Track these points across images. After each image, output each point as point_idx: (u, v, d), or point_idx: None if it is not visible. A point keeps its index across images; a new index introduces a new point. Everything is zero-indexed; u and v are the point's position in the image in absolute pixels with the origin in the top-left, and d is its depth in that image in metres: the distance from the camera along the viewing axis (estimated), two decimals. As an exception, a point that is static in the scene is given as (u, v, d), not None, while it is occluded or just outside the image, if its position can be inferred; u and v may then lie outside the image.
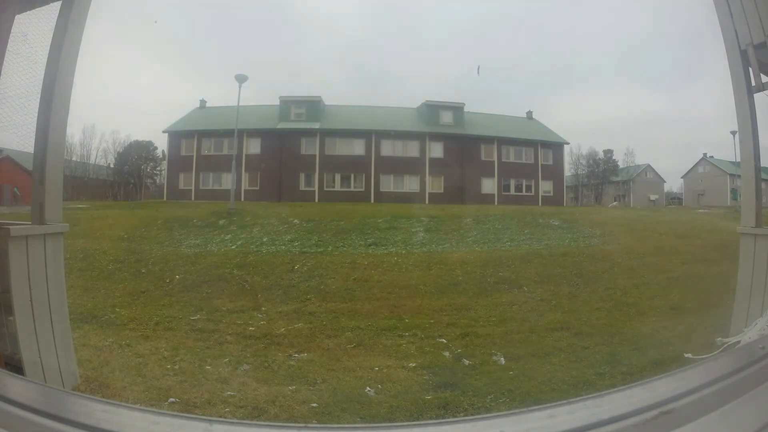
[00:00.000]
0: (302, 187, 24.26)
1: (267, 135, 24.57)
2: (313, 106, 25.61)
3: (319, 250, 9.66)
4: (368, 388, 3.65)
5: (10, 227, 2.61)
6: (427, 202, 22.98)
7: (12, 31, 2.57)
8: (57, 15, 2.85)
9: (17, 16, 2.69)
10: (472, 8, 41.71)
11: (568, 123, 53.69)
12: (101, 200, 25.39)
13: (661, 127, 46.47)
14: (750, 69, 3.21)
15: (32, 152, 2.88)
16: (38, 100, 2.83)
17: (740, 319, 3.06)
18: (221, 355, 4.57)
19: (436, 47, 41.28)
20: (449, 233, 11.45)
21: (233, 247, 10.05)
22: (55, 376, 2.81)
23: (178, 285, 7.55)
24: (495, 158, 25.89)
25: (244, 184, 23.41)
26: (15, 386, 0.94)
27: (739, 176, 3.75)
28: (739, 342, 1.94)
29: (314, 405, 3.31)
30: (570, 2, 41.42)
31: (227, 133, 21.81)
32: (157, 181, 33.73)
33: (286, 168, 24.17)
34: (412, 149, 25.11)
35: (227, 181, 22.08)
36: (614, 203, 34.67)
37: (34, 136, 2.85)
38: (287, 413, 3.16)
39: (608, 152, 36.70)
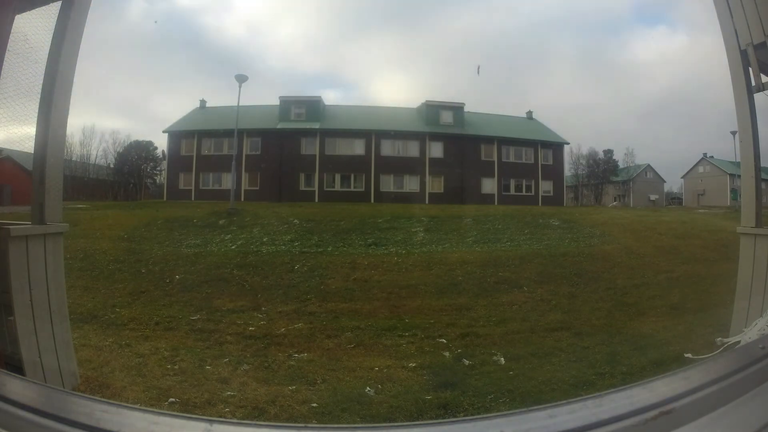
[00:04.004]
0: (302, 187, 24.27)
1: (267, 135, 24.58)
2: (313, 106, 25.62)
3: (319, 250, 9.66)
4: (368, 388, 3.64)
5: (10, 227, 2.61)
6: (427, 202, 22.99)
7: (12, 31, 2.56)
8: (57, 15, 2.85)
9: (17, 16, 2.69)
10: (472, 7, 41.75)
11: (568, 123, 53.69)
12: (101, 200, 25.38)
13: (661, 127, 46.54)
14: (750, 69, 3.20)
15: (32, 152, 2.88)
16: (38, 100, 2.83)
17: (740, 319, 3.06)
18: (221, 355, 4.56)
19: (437, 46, 41.32)
20: (449, 233, 11.45)
21: (233, 247, 10.05)
22: (55, 376, 2.81)
23: (178, 285, 7.55)
24: (495, 158, 25.90)
25: (244, 184, 23.41)
26: (15, 386, 0.94)
27: (739, 176, 3.75)
28: (739, 342, 1.93)
29: (314, 405, 3.31)
30: (570, 2, 41.46)
31: (227, 133, 21.81)
32: (157, 181, 33.75)
33: (286, 168, 24.17)
34: (412, 149, 25.12)
35: (227, 181, 22.08)
36: (614, 203, 34.67)
37: (34, 136, 2.85)
38: (287, 413, 3.16)
39: (608, 152, 36.73)
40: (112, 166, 32.97)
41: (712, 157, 36.35)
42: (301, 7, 42.29)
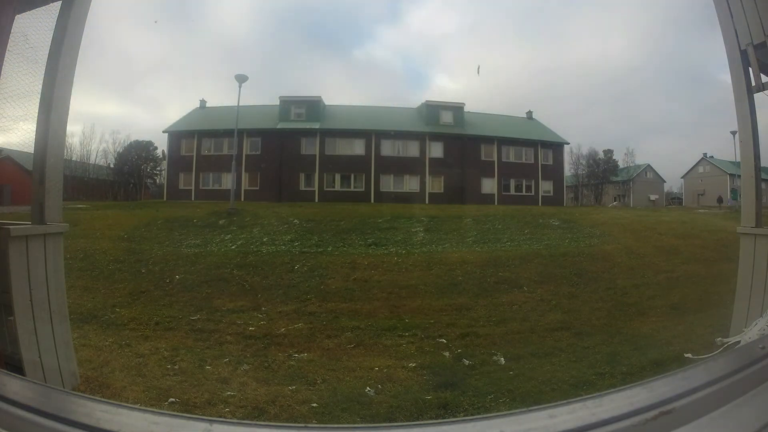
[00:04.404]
0: (302, 187, 24.27)
1: (267, 135, 24.58)
2: (313, 106, 25.62)
3: (319, 250, 9.66)
4: (368, 388, 3.64)
5: (10, 227, 2.61)
6: (427, 202, 22.98)
7: (12, 31, 2.56)
8: (57, 15, 2.86)
9: (17, 16, 2.69)
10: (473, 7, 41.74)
11: (568, 123, 53.68)
12: (101, 200, 25.38)
13: (661, 127, 46.52)
14: (750, 69, 3.20)
15: (32, 152, 2.88)
16: (38, 100, 2.83)
17: (740, 319, 3.06)
18: (221, 355, 4.57)
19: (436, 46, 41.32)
20: (449, 233, 11.45)
21: (233, 247, 10.05)
22: (55, 376, 2.81)
23: (178, 285, 7.54)
24: (495, 158, 25.90)
25: (244, 184, 23.41)
26: (15, 386, 0.94)
27: (739, 176, 3.75)
28: (739, 342, 1.93)
29: (314, 405, 3.31)
30: (571, 3, 41.46)
31: (227, 133, 21.81)
32: (157, 181, 33.76)
33: (286, 168, 24.18)
34: (412, 149, 25.12)
35: (227, 181, 22.09)
36: (614, 203, 34.67)
37: (34, 136, 2.85)
38: (287, 413, 3.16)
39: (608, 152, 36.72)
40: (112, 166, 32.97)
41: (712, 157, 36.35)
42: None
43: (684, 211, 21.90)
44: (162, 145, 29.46)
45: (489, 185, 25.60)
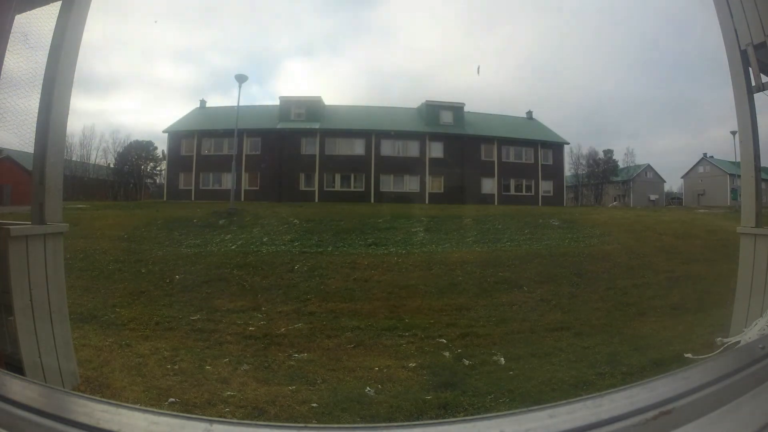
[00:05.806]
0: (302, 187, 24.28)
1: (267, 135, 24.59)
2: (313, 106, 25.63)
3: (319, 250, 9.66)
4: (368, 388, 3.64)
5: (10, 227, 2.61)
6: (427, 202, 23.00)
7: (12, 31, 2.56)
8: (57, 15, 2.86)
9: (17, 16, 2.69)
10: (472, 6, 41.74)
11: (568, 122, 53.68)
12: (101, 200, 25.37)
13: (661, 127, 46.53)
14: (750, 69, 3.20)
15: (32, 152, 2.88)
16: (38, 99, 2.83)
17: (740, 319, 3.06)
18: (221, 355, 4.56)
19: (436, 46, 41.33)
20: (449, 233, 11.45)
21: (233, 247, 10.05)
22: (55, 376, 2.81)
23: (178, 285, 7.54)
24: (495, 158, 25.91)
25: (244, 184, 23.43)
26: (15, 386, 0.94)
27: (739, 176, 3.75)
28: (739, 342, 1.93)
29: (314, 405, 3.31)
30: (571, 3, 41.48)
31: (227, 133, 21.83)
32: (157, 181, 33.79)
33: (286, 168, 24.18)
34: (412, 149, 25.14)
35: (227, 181, 22.11)
36: (614, 203, 34.67)
37: (34, 136, 2.85)
38: (287, 413, 3.16)
39: (608, 152, 36.75)
40: (112, 166, 33.00)
41: (712, 157, 36.35)
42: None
43: (684, 211, 21.89)
44: (162, 145, 29.53)
45: (489, 185, 25.62)
